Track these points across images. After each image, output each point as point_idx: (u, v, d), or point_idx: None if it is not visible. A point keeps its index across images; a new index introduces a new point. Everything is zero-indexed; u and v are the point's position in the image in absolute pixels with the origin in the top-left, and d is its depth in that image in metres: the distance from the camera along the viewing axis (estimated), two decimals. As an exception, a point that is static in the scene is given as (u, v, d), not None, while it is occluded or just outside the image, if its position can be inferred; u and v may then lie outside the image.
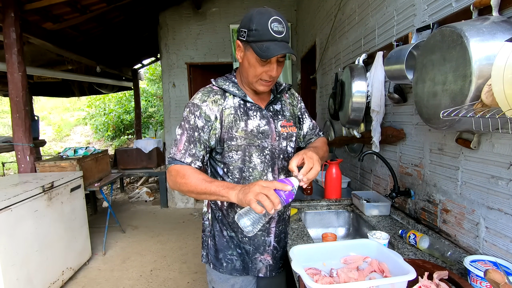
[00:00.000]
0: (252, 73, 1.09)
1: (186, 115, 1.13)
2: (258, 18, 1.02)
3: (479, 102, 0.84)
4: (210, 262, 1.25)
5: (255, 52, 1.02)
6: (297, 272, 0.84)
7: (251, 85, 1.14)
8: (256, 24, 1.01)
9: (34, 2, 3.01)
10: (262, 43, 1.01)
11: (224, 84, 1.17)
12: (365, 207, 1.64)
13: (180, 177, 1.07)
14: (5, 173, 7.04)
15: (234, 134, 1.12)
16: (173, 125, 4.94)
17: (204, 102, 1.12)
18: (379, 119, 1.74)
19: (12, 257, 2.15)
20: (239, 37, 1.08)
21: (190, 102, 1.15)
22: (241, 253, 1.22)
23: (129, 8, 4.21)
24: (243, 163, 1.15)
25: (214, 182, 1.03)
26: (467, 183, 1.15)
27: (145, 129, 8.88)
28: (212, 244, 1.24)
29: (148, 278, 2.94)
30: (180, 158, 1.10)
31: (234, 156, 1.14)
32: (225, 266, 1.22)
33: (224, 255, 1.22)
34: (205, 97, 1.14)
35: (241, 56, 1.10)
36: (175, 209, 5.01)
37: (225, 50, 4.79)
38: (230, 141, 1.12)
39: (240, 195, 0.94)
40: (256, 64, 1.06)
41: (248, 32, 1.03)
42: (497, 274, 0.77)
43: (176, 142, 1.12)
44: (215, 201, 1.23)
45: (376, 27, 1.89)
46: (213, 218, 1.25)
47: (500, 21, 0.88)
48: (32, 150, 3.07)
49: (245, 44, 1.07)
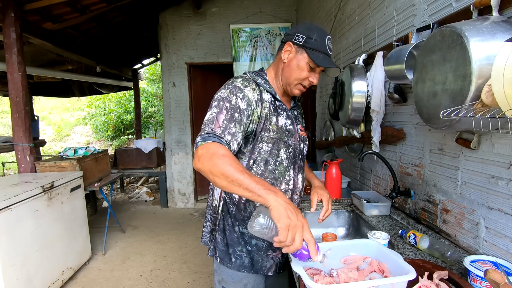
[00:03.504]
0: (296, 75, 1.16)
1: (226, 95, 1.08)
2: (318, 31, 1.13)
3: (479, 102, 0.84)
4: (217, 256, 1.23)
5: (310, 57, 1.12)
6: (297, 272, 0.84)
7: (288, 86, 1.19)
8: (317, 35, 1.12)
9: (34, 2, 3.01)
10: (319, 53, 1.12)
11: (257, 79, 1.19)
12: (365, 207, 1.64)
13: (217, 156, 0.92)
14: (5, 173, 7.04)
15: (268, 126, 1.14)
16: (173, 125, 4.95)
17: (246, 87, 1.11)
18: (379, 119, 1.74)
19: (12, 257, 2.15)
20: (292, 39, 1.14)
21: (230, 84, 1.12)
22: (250, 250, 1.20)
23: (129, 8, 4.21)
24: (270, 156, 1.16)
25: (253, 176, 0.91)
26: (467, 183, 1.15)
27: (145, 129, 8.88)
28: (221, 238, 1.22)
29: (148, 278, 2.94)
30: (220, 134, 1.01)
31: (264, 147, 1.15)
32: (233, 261, 1.20)
33: (234, 250, 1.20)
34: (246, 83, 1.13)
35: (289, 57, 1.16)
36: (175, 209, 5.01)
37: (225, 50, 4.79)
38: (264, 132, 1.14)
39: (282, 209, 0.84)
40: (304, 68, 1.14)
41: (307, 39, 1.12)
42: (497, 274, 0.77)
43: (212, 120, 1.03)
44: (230, 195, 1.20)
45: (376, 27, 1.89)
46: (226, 212, 1.21)
47: (500, 21, 0.88)
48: (32, 150, 3.07)
49: (299, 48, 1.14)
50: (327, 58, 1.14)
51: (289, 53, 1.16)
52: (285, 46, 1.16)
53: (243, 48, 4.70)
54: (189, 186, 5.07)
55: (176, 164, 5.02)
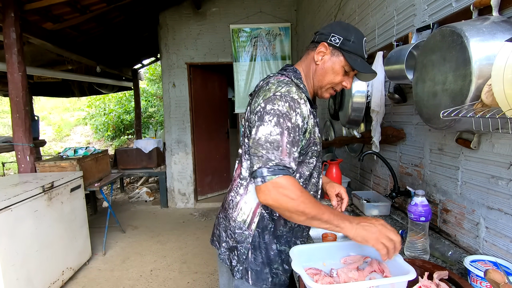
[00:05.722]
0: (330, 79, 1.09)
1: (285, 110, 0.95)
2: (355, 32, 1.06)
3: (479, 102, 0.84)
4: (249, 278, 1.09)
5: (348, 61, 1.04)
6: (297, 272, 0.84)
7: (319, 89, 1.13)
8: (355, 37, 1.04)
9: (34, 2, 3.01)
10: (356, 56, 1.04)
11: (300, 84, 1.08)
12: (365, 207, 1.64)
13: (294, 193, 0.89)
14: (5, 173, 7.04)
15: (315, 140, 1.07)
16: (173, 125, 4.94)
17: (301, 100, 1.01)
18: (379, 119, 1.74)
19: (12, 257, 2.15)
20: (328, 40, 1.06)
21: (288, 96, 0.98)
22: (288, 269, 1.13)
23: (129, 8, 4.21)
24: (314, 169, 1.12)
25: (322, 207, 0.91)
26: (467, 183, 1.15)
27: (145, 129, 8.88)
28: (254, 257, 1.09)
29: (148, 278, 2.94)
30: (288, 163, 0.92)
31: (314, 162, 1.09)
32: (270, 281, 1.10)
33: (270, 269, 1.11)
34: (300, 93, 1.03)
35: (324, 59, 1.08)
36: (175, 209, 5.01)
37: (225, 50, 4.79)
38: (313, 146, 1.07)
39: (360, 231, 0.88)
40: (339, 72, 1.07)
41: (344, 41, 1.04)
42: (497, 274, 0.77)
43: (276, 145, 0.92)
44: (270, 210, 1.09)
45: (376, 27, 1.89)
46: (263, 228, 1.10)
47: (500, 21, 0.88)
48: (32, 150, 3.07)
49: (335, 50, 1.06)
50: (364, 62, 1.06)
51: (323, 55, 1.07)
52: (319, 46, 1.07)
53: (243, 48, 4.70)
54: (189, 186, 5.07)
55: (176, 164, 5.02)
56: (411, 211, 1.08)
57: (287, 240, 1.12)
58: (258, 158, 0.92)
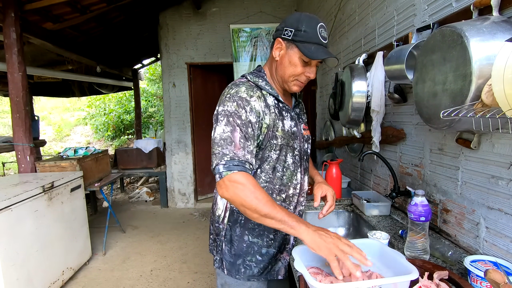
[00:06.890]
0: (291, 72, 1.09)
1: (234, 109, 1.02)
2: (307, 20, 1.04)
3: (479, 102, 0.84)
4: (224, 268, 1.18)
5: (302, 51, 1.04)
6: (300, 272, 0.84)
7: (285, 84, 1.13)
8: (306, 26, 1.03)
9: (34, 2, 3.01)
10: (310, 45, 1.03)
11: (259, 82, 1.12)
12: (365, 207, 1.64)
13: (248, 189, 0.93)
14: (5, 173, 7.04)
15: (275, 133, 1.09)
16: (173, 125, 4.95)
17: (252, 97, 1.05)
18: (379, 119, 1.74)
19: (12, 257, 2.15)
20: (281, 35, 1.07)
21: (236, 96, 1.04)
22: (261, 260, 1.16)
23: (129, 8, 4.21)
24: (278, 163, 1.13)
25: (277, 207, 0.93)
26: (467, 183, 1.15)
27: (145, 129, 8.88)
28: (228, 249, 1.16)
29: (148, 278, 2.94)
30: (242, 157, 0.97)
31: (272, 156, 1.11)
32: (242, 272, 1.15)
33: (243, 260, 1.15)
34: (250, 92, 1.07)
35: (281, 54, 1.09)
36: (175, 209, 5.01)
37: (225, 50, 4.79)
38: (272, 140, 1.09)
39: (316, 237, 0.89)
40: (297, 64, 1.07)
41: (295, 32, 1.04)
42: (497, 274, 0.77)
43: (229, 141, 0.98)
44: None
45: (376, 27, 1.89)
46: (234, 221, 1.16)
47: (500, 21, 0.88)
48: (32, 150, 3.07)
49: (288, 43, 1.07)
50: (320, 48, 1.04)
51: (279, 50, 1.09)
52: (276, 43, 1.10)
53: (243, 48, 4.69)
54: (189, 186, 5.07)
55: (176, 164, 5.02)
56: (411, 211, 1.08)
57: (259, 233, 1.16)
58: (215, 155, 0.99)
